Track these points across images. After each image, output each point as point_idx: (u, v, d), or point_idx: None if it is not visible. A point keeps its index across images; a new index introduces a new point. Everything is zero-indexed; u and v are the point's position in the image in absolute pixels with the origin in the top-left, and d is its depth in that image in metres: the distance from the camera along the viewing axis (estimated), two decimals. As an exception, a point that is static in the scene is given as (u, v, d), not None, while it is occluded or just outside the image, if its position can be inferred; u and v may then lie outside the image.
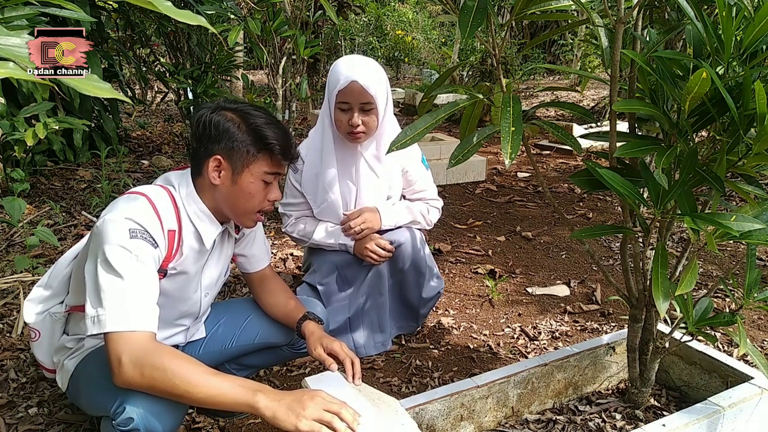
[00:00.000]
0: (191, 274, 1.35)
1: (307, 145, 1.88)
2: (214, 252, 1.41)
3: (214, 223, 1.34)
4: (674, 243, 2.89)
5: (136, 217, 1.17)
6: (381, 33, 9.86)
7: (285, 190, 1.94)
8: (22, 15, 1.70)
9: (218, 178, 1.27)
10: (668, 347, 1.44)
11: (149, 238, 1.17)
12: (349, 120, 1.72)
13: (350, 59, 1.75)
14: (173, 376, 1.05)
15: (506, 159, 1.02)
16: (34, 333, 1.38)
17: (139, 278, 1.13)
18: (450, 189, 3.96)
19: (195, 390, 1.05)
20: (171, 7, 0.67)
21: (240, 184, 1.27)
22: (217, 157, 1.26)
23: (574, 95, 7.33)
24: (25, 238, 2.61)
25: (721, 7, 0.98)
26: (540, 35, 3.28)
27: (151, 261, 1.17)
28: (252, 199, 1.29)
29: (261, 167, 1.28)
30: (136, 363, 1.06)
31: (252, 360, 1.59)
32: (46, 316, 1.37)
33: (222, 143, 1.25)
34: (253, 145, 1.26)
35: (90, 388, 1.24)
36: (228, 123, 1.26)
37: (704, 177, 1.11)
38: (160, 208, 1.24)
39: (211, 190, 1.30)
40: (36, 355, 1.41)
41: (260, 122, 1.27)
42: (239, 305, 1.61)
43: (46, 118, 2.93)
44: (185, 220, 1.29)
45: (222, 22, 2.94)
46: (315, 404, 1.06)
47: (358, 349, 1.91)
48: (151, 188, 1.28)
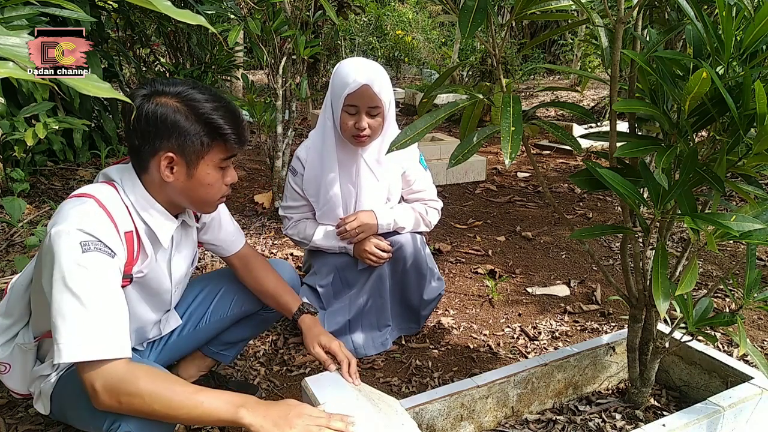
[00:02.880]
0: (159, 273, 1.29)
1: (307, 147, 1.88)
2: (179, 245, 1.35)
3: (169, 220, 1.25)
4: (674, 243, 2.89)
5: (87, 226, 1.07)
6: (381, 33, 9.86)
7: (285, 193, 1.95)
8: (22, 15, 1.71)
9: (171, 176, 1.18)
10: (668, 347, 1.44)
11: (104, 248, 1.08)
12: (355, 123, 1.72)
13: (356, 62, 1.74)
14: (152, 401, 1.01)
15: (506, 159, 1.02)
16: (3, 366, 1.29)
17: (101, 300, 1.05)
18: (450, 189, 3.96)
19: (176, 413, 1.02)
20: (171, 6, 0.67)
21: (196, 177, 1.19)
22: (168, 155, 1.15)
23: (574, 95, 7.33)
24: (25, 238, 2.61)
25: (721, 7, 0.98)
26: (540, 35, 3.28)
27: (112, 274, 1.09)
28: (211, 189, 1.22)
29: (216, 156, 1.20)
30: (112, 392, 1.02)
31: (234, 335, 1.57)
32: (14, 349, 1.28)
33: (172, 139, 1.15)
34: (206, 136, 1.17)
35: (75, 407, 1.19)
36: (175, 115, 1.15)
37: (704, 177, 1.11)
38: (112, 209, 1.15)
39: (163, 187, 1.21)
40: (7, 385, 1.33)
41: (208, 108, 1.17)
42: (208, 281, 1.57)
43: (46, 118, 2.93)
44: (138, 220, 1.21)
45: (222, 22, 2.94)
46: (302, 421, 1.05)
47: (358, 349, 1.91)
48: (97, 187, 1.18)
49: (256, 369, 1.84)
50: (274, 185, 3.22)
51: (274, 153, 3.18)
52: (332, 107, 1.78)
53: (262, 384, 1.76)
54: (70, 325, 1.02)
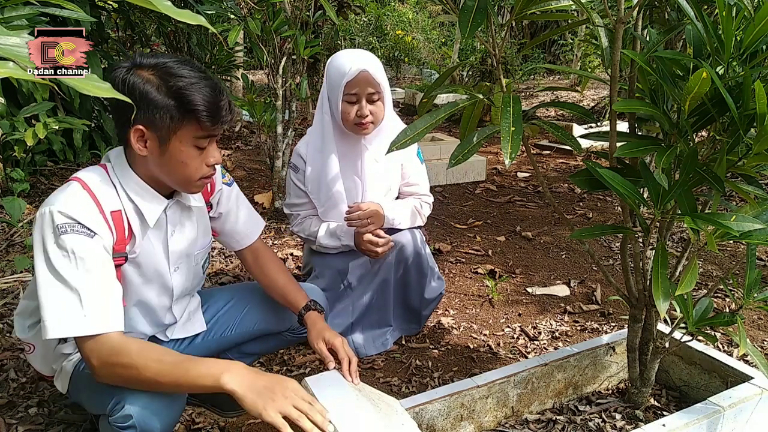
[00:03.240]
0: (153, 253, 1.28)
1: (307, 143, 1.87)
2: (177, 226, 1.33)
3: (156, 198, 1.24)
4: (674, 243, 2.89)
5: (65, 208, 1.09)
6: (381, 33, 9.86)
7: (288, 191, 1.94)
8: (22, 15, 1.71)
9: (144, 149, 1.16)
10: (668, 347, 1.44)
11: (81, 229, 1.09)
12: (357, 111, 1.72)
13: (349, 52, 1.76)
14: (144, 370, 1.06)
15: (506, 159, 1.02)
16: (28, 347, 1.34)
17: (81, 278, 1.07)
18: (450, 189, 3.96)
19: (165, 380, 1.07)
20: (171, 6, 0.67)
21: (170, 153, 1.16)
22: (138, 127, 1.13)
23: (574, 95, 7.33)
24: (25, 238, 2.61)
25: (721, 7, 0.98)
26: (540, 35, 3.28)
27: (92, 253, 1.09)
28: (186, 167, 1.18)
29: (189, 133, 1.15)
30: (105, 364, 1.08)
31: (253, 347, 1.59)
32: (38, 330, 1.30)
33: (141, 111, 1.12)
34: (176, 110, 1.13)
35: (88, 387, 1.24)
36: (146, 86, 1.12)
37: (704, 177, 1.11)
38: (97, 190, 1.15)
39: (143, 163, 1.19)
40: (33, 365, 1.39)
41: (183, 83, 1.13)
42: (239, 293, 1.59)
43: (46, 118, 2.93)
44: (125, 199, 1.20)
45: (222, 22, 2.94)
46: (285, 398, 1.05)
47: (358, 348, 1.91)
48: (87, 171, 1.19)
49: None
50: (274, 185, 3.22)
51: (274, 153, 3.18)
52: (330, 99, 1.78)
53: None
54: (52, 303, 1.06)
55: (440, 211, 3.47)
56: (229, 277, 2.50)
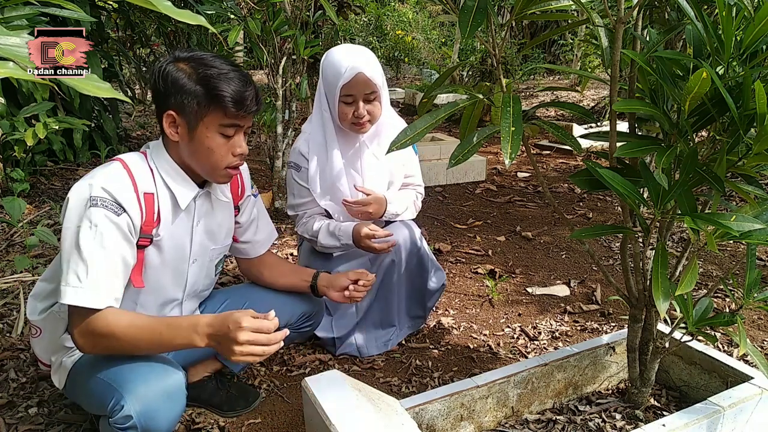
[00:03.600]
0: (178, 239, 1.33)
1: (307, 140, 1.86)
2: (203, 217, 1.38)
3: (188, 183, 1.30)
4: (674, 243, 2.89)
5: (104, 183, 1.16)
6: (381, 33, 9.86)
7: (291, 191, 1.93)
8: (22, 15, 1.71)
9: (176, 134, 1.23)
10: (668, 347, 1.44)
11: (111, 204, 1.15)
12: (354, 111, 1.72)
13: (345, 50, 1.74)
14: (120, 339, 1.14)
15: (506, 159, 1.02)
16: (35, 330, 1.37)
17: (96, 252, 1.13)
18: (450, 189, 3.96)
19: (142, 345, 1.15)
20: (171, 6, 0.67)
21: (197, 138, 1.23)
22: (170, 113, 1.21)
23: (574, 95, 7.33)
24: (25, 238, 2.61)
25: (721, 7, 0.98)
26: (540, 35, 3.28)
27: (112, 231, 1.15)
28: (212, 154, 1.25)
29: (215, 120, 1.22)
30: (86, 334, 1.14)
31: None
32: (49, 314, 1.34)
33: (172, 97, 1.20)
34: (204, 97, 1.20)
35: (88, 385, 1.24)
36: (178, 73, 1.20)
37: (704, 177, 1.11)
38: (135, 170, 1.22)
39: (176, 148, 1.27)
40: (34, 350, 1.41)
41: (213, 72, 1.20)
42: (234, 292, 1.63)
43: (46, 118, 2.93)
44: (159, 182, 1.27)
45: (222, 22, 2.94)
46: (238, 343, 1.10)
47: (360, 349, 1.91)
48: (128, 153, 1.27)
49: (257, 369, 1.84)
50: (274, 185, 3.22)
51: (274, 153, 3.18)
52: (327, 98, 1.77)
53: (262, 384, 1.76)
54: (66, 269, 1.14)
55: (440, 211, 3.47)
56: (228, 277, 2.50)
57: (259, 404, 1.65)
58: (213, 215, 1.41)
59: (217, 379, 1.65)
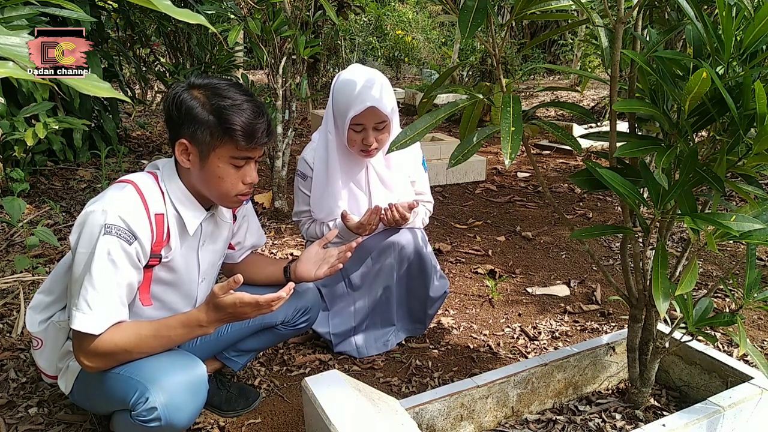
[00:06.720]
0: (186, 260, 1.34)
1: (314, 152, 1.87)
2: (209, 238, 1.39)
3: (197, 208, 1.31)
4: (674, 243, 2.89)
5: (120, 211, 1.16)
6: (381, 33, 9.86)
7: (296, 198, 1.94)
8: (22, 15, 1.71)
9: (188, 162, 1.24)
10: (668, 347, 1.44)
11: (125, 233, 1.16)
12: (363, 140, 1.72)
13: (358, 77, 1.70)
14: (131, 350, 1.17)
15: (506, 159, 1.02)
16: (36, 341, 1.36)
17: (105, 280, 1.15)
18: (450, 189, 3.96)
19: (153, 351, 1.20)
20: (171, 6, 0.67)
21: (208, 168, 1.24)
22: (182, 141, 1.22)
23: (574, 95, 7.33)
24: (25, 238, 2.61)
25: (721, 7, 0.98)
26: (540, 35, 3.28)
27: (123, 259, 1.16)
28: (223, 182, 1.26)
29: (227, 152, 1.23)
30: (94, 356, 1.16)
31: (250, 344, 1.59)
32: (49, 326, 1.34)
33: (185, 126, 1.21)
34: (216, 128, 1.20)
35: (105, 383, 1.23)
36: (192, 102, 1.20)
37: (704, 177, 1.11)
38: (147, 193, 1.23)
39: (188, 174, 1.28)
40: (37, 362, 1.39)
41: (227, 104, 1.20)
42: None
43: (46, 118, 2.93)
44: (169, 205, 1.28)
45: (222, 22, 2.94)
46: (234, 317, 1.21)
47: (359, 349, 1.91)
48: (139, 174, 1.27)
49: (257, 369, 1.84)
50: (274, 185, 3.22)
51: (274, 153, 3.18)
52: (336, 121, 1.77)
53: (262, 384, 1.76)
54: (76, 295, 1.15)
55: (440, 211, 3.47)
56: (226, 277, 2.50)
57: (259, 404, 1.65)
58: (217, 235, 1.43)
59: (217, 379, 1.66)
